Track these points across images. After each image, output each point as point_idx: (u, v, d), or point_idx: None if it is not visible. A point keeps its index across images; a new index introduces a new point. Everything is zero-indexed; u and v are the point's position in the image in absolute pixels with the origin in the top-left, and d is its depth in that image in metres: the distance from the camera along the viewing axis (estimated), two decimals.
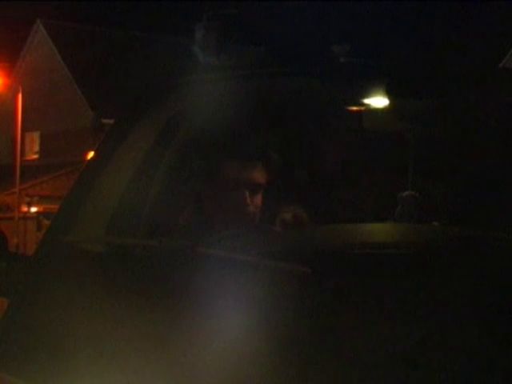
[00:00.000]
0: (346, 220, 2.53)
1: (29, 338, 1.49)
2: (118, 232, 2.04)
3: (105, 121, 24.84)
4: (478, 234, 1.89)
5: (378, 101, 2.40)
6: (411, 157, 2.98)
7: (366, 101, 2.45)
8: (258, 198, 2.36)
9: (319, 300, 1.49)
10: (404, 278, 1.56)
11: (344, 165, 3.01)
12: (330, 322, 1.41)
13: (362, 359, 1.30)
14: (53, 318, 1.56)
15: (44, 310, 1.60)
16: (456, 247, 1.74)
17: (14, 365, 1.41)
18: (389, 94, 2.30)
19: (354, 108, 2.66)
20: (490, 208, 2.39)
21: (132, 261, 1.78)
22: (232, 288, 1.57)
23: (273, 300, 1.50)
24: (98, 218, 2.01)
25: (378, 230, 2.09)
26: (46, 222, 19.75)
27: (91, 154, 2.25)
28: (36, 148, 31.62)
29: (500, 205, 2.37)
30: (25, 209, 23.81)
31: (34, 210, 23.45)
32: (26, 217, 23.08)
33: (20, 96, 24.61)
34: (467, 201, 2.50)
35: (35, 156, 31.39)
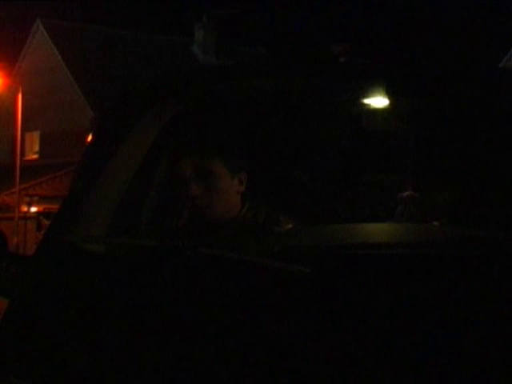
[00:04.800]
0: (346, 220, 2.53)
1: (29, 337, 1.49)
2: (118, 232, 2.04)
3: None
4: (478, 234, 1.89)
5: (378, 101, 2.40)
6: (411, 157, 2.98)
7: (366, 101, 2.45)
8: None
9: (319, 300, 1.49)
10: (404, 277, 1.56)
11: (344, 165, 3.01)
12: (329, 321, 1.41)
13: (362, 358, 1.30)
14: (53, 318, 1.56)
15: (44, 310, 1.60)
16: (456, 247, 1.74)
17: (15, 365, 1.41)
18: (389, 94, 2.30)
19: (354, 108, 2.66)
20: (490, 208, 2.39)
21: (132, 261, 1.78)
22: (232, 288, 1.57)
23: (273, 300, 1.50)
24: (98, 218, 2.01)
25: (378, 230, 2.09)
26: (46, 222, 19.75)
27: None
28: (36, 148, 31.60)
29: (500, 205, 2.37)
30: (25, 209, 23.79)
31: (34, 209, 23.43)
32: (26, 217, 23.07)
33: (20, 96, 24.60)
34: (467, 201, 2.51)
35: (35, 156, 31.37)
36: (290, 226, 2.32)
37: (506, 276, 1.59)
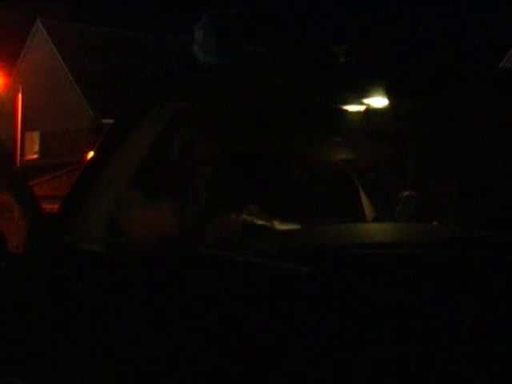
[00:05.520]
0: (346, 219, 2.53)
1: (29, 338, 1.49)
2: (118, 232, 2.04)
3: (105, 121, 24.81)
4: (478, 234, 1.89)
5: (378, 101, 2.40)
6: (411, 157, 2.98)
7: (366, 101, 2.45)
8: None
9: (319, 300, 1.49)
10: (404, 277, 1.56)
11: (344, 164, 3.00)
12: (329, 321, 1.41)
13: (362, 358, 1.30)
14: (52, 318, 1.55)
15: (42, 310, 1.60)
16: (456, 247, 1.74)
17: (15, 364, 1.41)
18: (389, 94, 2.30)
19: (354, 108, 2.65)
20: (490, 208, 2.39)
21: (132, 261, 1.78)
22: (231, 287, 1.57)
23: (272, 299, 1.50)
24: (98, 218, 2.01)
25: (378, 230, 2.09)
26: None
27: (91, 154, 2.25)
28: (36, 148, 31.54)
29: (500, 205, 2.37)
30: None
31: None
32: None
33: (20, 96, 24.59)
34: (467, 201, 2.50)
35: (35, 156, 31.32)
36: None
37: (506, 276, 1.59)
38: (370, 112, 2.52)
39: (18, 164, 24.44)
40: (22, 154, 27.16)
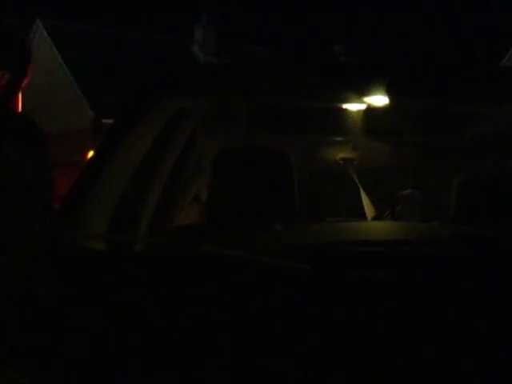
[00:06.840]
0: (347, 218, 2.54)
1: (31, 335, 1.49)
2: (119, 230, 2.04)
3: (105, 121, 24.79)
4: (478, 234, 1.89)
5: (379, 101, 2.41)
6: (411, 156, 2.99)
7: (367, 101, 2.46)
8: None
9: (318, 298, 1.50)
10: (403, 276, 1.56)
11: (345, 164, 3.01)
12: (328, 319, 1.41)
13: (361, 357, 1.30)
14: (54, 316, 1.56)
15: (45, 308, 1.60)
16: (456, 246, 1.75)
17: (18, 363, 1.42)
18: (389, 93, 2.31)
19: (355, 108, 2.66)
20: (491, 208, 2.39)
21: (133, 259, 1.78)
22: (232, 286, 1.57)
23: (273, 298, 1.50)
24: (99, 217, 2.01)
25: (379, 229, 2.10)
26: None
27: (91, 154, 2.25)
28: None
29: (500, 204, 2.37)
30: None
31: None
32: None
33: (20, 96, 24.55)
34: (468, 200, 2.51)
35: None
36: None
37: (506, 275, 1.59)
38: (370, 112, 2.53)
39: None
40: None
